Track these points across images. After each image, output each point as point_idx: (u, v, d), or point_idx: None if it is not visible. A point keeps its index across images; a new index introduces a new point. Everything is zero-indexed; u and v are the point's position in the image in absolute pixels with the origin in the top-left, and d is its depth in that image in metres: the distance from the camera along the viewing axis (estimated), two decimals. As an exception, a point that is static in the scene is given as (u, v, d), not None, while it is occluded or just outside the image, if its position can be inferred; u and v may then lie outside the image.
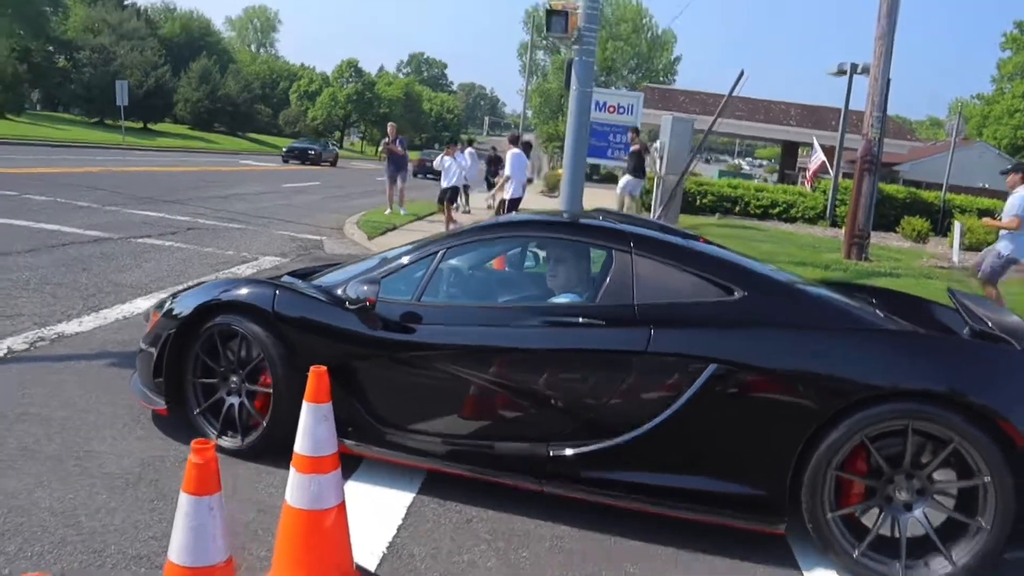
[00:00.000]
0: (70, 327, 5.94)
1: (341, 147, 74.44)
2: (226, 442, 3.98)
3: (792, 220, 22.58)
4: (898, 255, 15.71)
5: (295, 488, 2.77)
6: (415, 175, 33.03)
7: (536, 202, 12.63)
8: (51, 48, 55.77)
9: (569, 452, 3.48)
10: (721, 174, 44.88)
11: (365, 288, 3.72)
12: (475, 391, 3.66)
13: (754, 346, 3.38)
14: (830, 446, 3.19)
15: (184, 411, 4.11)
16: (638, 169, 15.36)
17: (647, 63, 64.94)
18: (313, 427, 2.78)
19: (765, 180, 39.46)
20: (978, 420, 3.07)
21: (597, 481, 3.47)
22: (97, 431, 4.11)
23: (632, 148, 15.60)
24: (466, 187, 22.23)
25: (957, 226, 16.83)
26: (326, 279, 4.36)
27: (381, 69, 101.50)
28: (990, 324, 3.55)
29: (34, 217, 11.02)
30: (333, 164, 46.39)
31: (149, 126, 56.96)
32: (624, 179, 15.57)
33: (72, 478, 3.55)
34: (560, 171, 16.27)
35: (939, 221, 22.45)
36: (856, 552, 3.21)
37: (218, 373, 4.06)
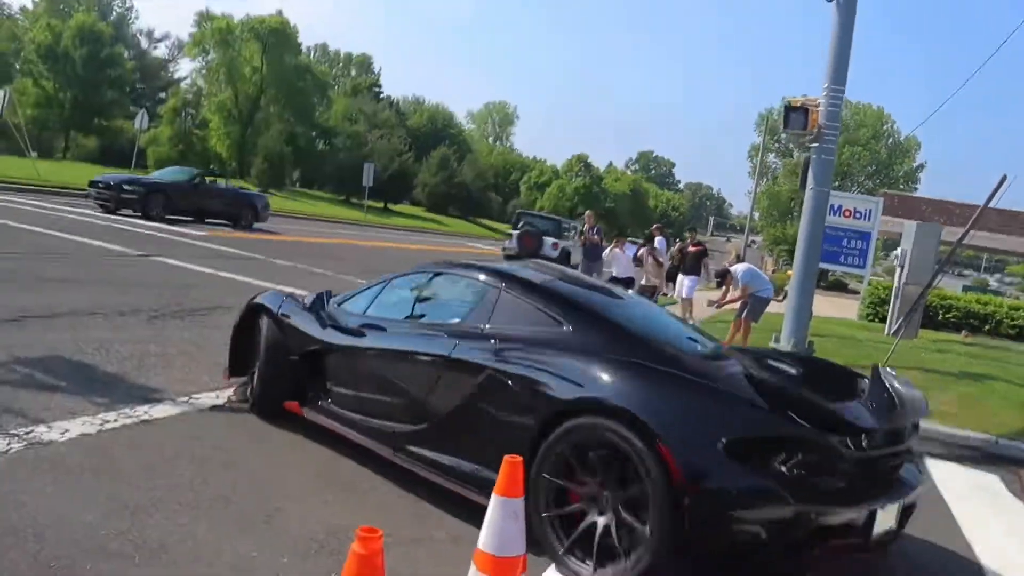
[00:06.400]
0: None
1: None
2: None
3: (1056, 345, 19.92)
4: None
5: (474, 588, 2.50)
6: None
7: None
8: (314, 134, 62.08)
9: (402, 430, 4.37)
10: (965, 289, 41.07)
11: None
12: (375, 379, 4.70)
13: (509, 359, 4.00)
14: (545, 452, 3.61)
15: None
16: (695, 269, 14.52)
17: (886, 170, 61.70)
18: (501, 523, 2.51)
19: (1017, 299, 35.43)
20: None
21: (415, 455, 4.24)
22: (289, 490, 4.11)
23: (689, 249, 14.75)
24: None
25: None
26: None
27: (610, 165, 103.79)
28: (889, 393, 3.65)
29: (273, 278, 11.89)
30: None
31: (389, 206, 61.26)
32: (687, 281, 14.54)
33: (258, 534, 3.52)
34: (789, 272, 15.46)
35: None
36: (561, 550, 3.49)
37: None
